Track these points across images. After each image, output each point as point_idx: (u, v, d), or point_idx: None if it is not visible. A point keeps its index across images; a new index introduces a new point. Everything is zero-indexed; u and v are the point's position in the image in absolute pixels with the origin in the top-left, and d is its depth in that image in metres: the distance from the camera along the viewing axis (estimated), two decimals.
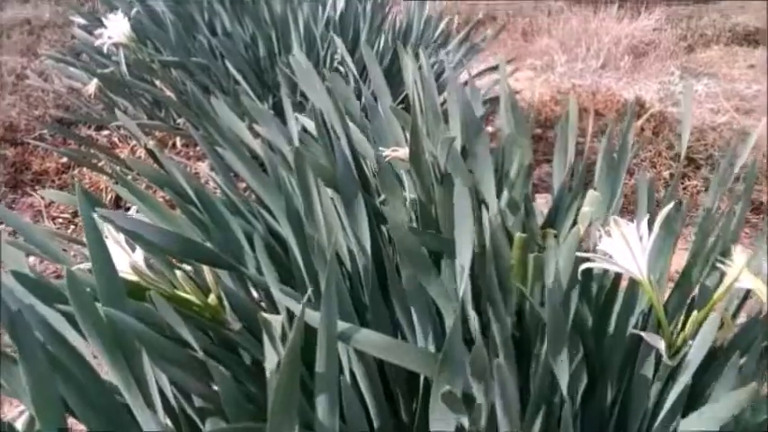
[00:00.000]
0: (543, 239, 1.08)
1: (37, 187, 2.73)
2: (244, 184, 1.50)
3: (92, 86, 2.64)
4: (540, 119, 3.20)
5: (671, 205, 1.02)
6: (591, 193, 1.11)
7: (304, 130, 1.47)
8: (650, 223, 0.97)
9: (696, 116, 3.43)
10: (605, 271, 1.21)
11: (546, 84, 3.94)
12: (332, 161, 1.14)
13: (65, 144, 2.98)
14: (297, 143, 1.31)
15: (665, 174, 2.78)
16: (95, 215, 0.94)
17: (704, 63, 4.74)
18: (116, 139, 2.96)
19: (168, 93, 2.49)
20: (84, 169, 2.73)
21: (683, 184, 2.76)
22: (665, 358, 1.00)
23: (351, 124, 1.30)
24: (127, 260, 1.03)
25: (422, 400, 1.14)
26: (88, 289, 0.87)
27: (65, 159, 2.83)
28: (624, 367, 1.14)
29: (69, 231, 2.48)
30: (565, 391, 0.98)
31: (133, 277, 1.00)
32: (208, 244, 1.15)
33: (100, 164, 2.32)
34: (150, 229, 1.02)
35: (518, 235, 1.07)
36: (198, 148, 2.84)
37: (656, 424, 1.07)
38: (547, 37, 5.05)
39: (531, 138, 1.50)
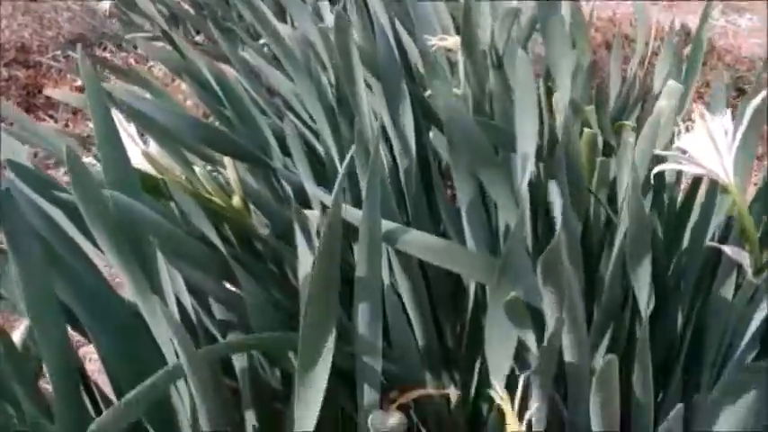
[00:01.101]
0: (616, 135, 0.94)
1: (50, 111, 2.60)
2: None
3: (106, 3, 2.50)
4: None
5: (763, 93, 0.87)
6: (671, 84, 0.96)
7: None
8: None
9: (744, 49, 3.25)
10: (677, 178, 1.07)
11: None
12: (372, 45, 0.99)
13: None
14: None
15: None
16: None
17: None
18: (132, 61, 2.82)
19: (186, 7, 2.35)
20: None
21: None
22: (749, 275, 0.85)
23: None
24: (139, 153, 0.90)
25: (470, 323, 1.02)
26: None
27: (79, 82, 2.70)
28: (699, 285, 1.00)
29: None
30: (643, 309, 0.84)
31: (146, 167, 0.88)
32: None
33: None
34: (166, 113, 0.89)
35: (586, 131, 0.93)
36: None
37: (737, 351, 0.93)
38: None
39: None
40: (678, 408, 0.70)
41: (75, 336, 1.52)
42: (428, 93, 1.05)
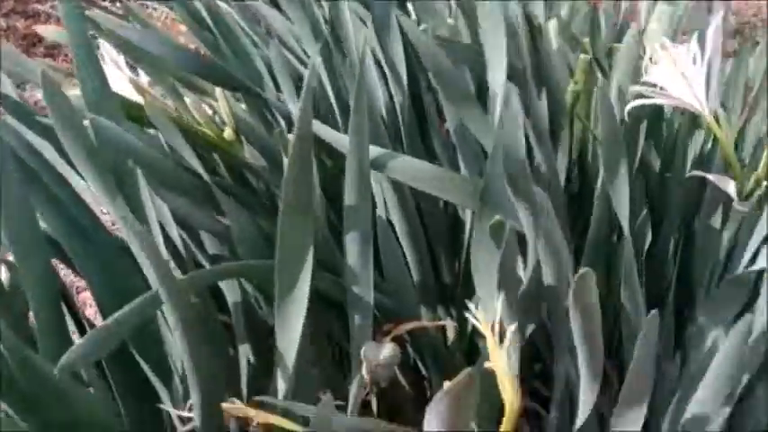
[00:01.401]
0: (609, 57, 0.92)
1: (49, 61, 2.58)
2: None
3: None
4: None
5: (720, 14, 0.84)
6: (660, 7, 0.93)
7: None
8: None
9: None
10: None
11: None
12: None
13: None
14: None
15: None
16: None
17: None
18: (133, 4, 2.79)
19: None
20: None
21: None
22: (735, 203, 0.84)
23: None
24: (126, 81, 0.89)
25: (466, 258, 1.00)
26: None
27: None
28: (688, 212, 0.98)
29: None
30: (626, 228, 0.82)
31: (133, 96, 0.86)
32: None
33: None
34: (157, 43, 0.87)
35: (582, 57, 0.91)
36: None
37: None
38: None
39: None
40: (653, 313, 0.68)
41: (76, 281, 1.51)
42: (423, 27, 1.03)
